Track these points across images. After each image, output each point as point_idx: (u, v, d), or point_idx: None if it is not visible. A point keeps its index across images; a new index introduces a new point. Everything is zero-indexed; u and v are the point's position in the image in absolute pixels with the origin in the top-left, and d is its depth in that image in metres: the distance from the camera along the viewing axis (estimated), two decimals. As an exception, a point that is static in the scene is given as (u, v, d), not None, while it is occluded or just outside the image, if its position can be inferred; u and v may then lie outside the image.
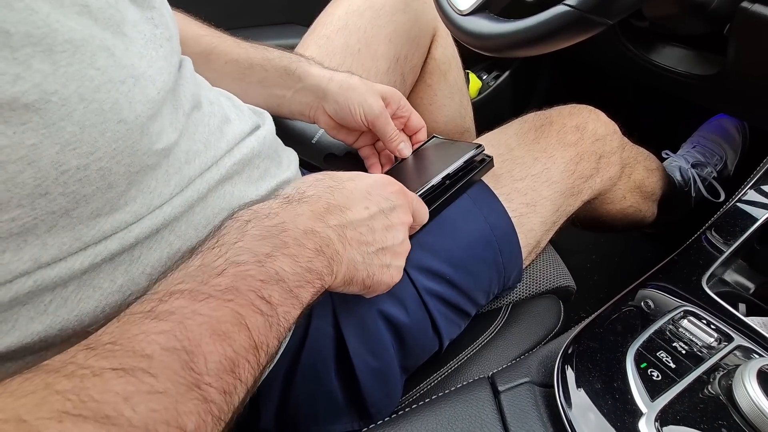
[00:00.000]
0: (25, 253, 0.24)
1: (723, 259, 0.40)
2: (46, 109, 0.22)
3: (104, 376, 0.19)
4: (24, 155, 0.22)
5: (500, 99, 1.02)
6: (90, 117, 0.24)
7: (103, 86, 0.24)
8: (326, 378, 0.43)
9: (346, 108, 0.49)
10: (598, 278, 0.92)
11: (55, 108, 0.22)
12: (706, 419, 0.27)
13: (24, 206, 0.23)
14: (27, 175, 0.22)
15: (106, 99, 0.24)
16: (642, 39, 0.68)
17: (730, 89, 0.63)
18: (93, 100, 0.24)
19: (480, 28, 0.48)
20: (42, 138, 0.22)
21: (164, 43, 0.30)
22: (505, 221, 0.50)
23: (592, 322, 0.36)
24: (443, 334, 0.47)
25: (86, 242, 0.26)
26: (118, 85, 0.25)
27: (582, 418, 0.28)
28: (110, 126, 0.25)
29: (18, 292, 0.24)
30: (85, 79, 0.23)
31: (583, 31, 0.40)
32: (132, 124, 0.26)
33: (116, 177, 0.26)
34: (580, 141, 0.55)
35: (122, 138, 0.25)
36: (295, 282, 0.27)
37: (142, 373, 0.20)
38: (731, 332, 0.33)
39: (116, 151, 0.25)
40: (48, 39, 0.22)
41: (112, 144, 0.25)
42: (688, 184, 0.81)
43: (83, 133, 0.24)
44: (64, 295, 0.26)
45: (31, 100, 0.22)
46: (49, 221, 0.24)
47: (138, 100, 0.26)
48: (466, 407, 0.29)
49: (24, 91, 0.21)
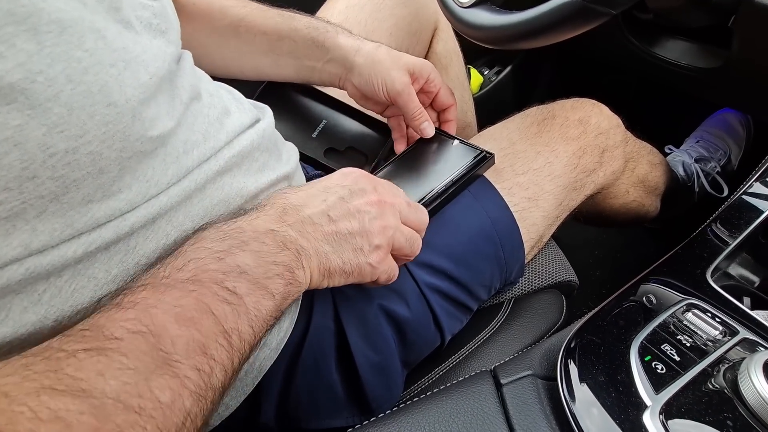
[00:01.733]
0: (14, 239, 0.23)
1: (728, 252, 0.40)
2: (31, 89, 0.22)
3: (78, 356, 0.21)
4: (9, 136, 0.22)
5: (502, 94, 1.01)
6: (78, 99, 0.23)
7: (91, 68, 0.24)
8: (327, 372, 0.43)
9: (369, 83, 0.50)
10: (600, 274, 0.92)
11: (41, 88, 0.22)
12: (711, 412, 0.27)
13: (11, 189, 0.22)
14: (13, 156, 0.22)
15: (95, 81, 0.24)
16: (645, 32, 0.68)
17: (734, 82, 0.62)
18: (81, 81, 0.23)
19: (481, 20, 0.47)
20: (28, 119, 0.22)
21: (161, 32, 0.29)
22: (507, 215, 0.49)
23: (595, 315, 0.35)
24: (445, 329, 0.47)
25: (79, 229, 0.26)
26: (108, 68, 0.24)
27: (585, 411, 0.28)
28: (99, 109, 0.24)
29: (10, 279, 0.24)
30: (72, 60, 0.23)
31: (586, 22, 0.39)
32: (122, 108, 0.25)
33: (107, 162, 0.25)
34: (583, 135, 0.55)
35: (112, 122, 0.25)
36: (262, 274, 0.28)
37: (113, 353, 0.21)
38: (736, 325, 0.33)
39: (106, 134, 0.25)
40: (33, 18, 0.22)
41: (101, 127, 0.24)
42: (691, 179, 0.81)
43: (71, 116, 0.23)
44: (59, 285, 0.26)
45: (16, 79, 0.21)
46: (39, 206, 0.24)
47: (128, 84, 0.25)
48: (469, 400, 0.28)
49: (7, 70, 0.21)
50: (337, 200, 0.35)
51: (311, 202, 0.34)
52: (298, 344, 0.42)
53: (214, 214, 0.33)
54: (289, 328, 0.42)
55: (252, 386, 0.41)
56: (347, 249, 0.34)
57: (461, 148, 0.50)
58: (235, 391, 0.40)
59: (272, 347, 0.41)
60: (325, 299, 0.43)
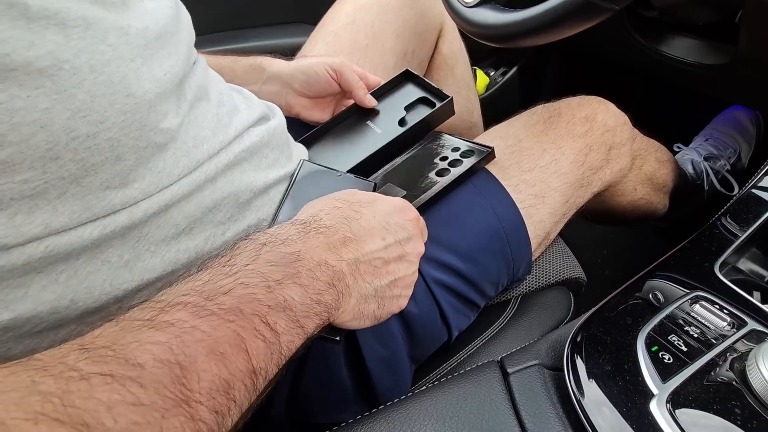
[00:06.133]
0: (37, 217, 0.25)
1: (737, 246, 0.40)
2: (58, 75, 0.24)
3: (91, 381, 0.19)
4: (37, 118, 0.23)
5: (508, 95, 1.02)
6: (100, 87, 0.25)
7: (113, 61, 0.26)
8: (336, 367, 0.43)
9: (312, 73, 0.52)
10: (609, 273, 0.91)
11: (67, 76, 0.24)
12: (718, 401, 0.27)
13: (36, 168, 0.24)
14: (39, 138, 0.24)
15: (116, 73, 0.26)
16: (651, 29, 0.68)
17: (742, 79, 0.62)
18: (103, 72, 0.25)
19: (486, 18, 0.48)
20: (54, 103, 0.24)
21: (174, 32, 0.31)
22: (513, 212, 0.50)
23: (602, 307, 0.35)
24: (452, 325, 0.47)
25: (96, 213, 0.27)
26: (128, 62, 0.26)
27: (592, 400, 0.28)
28: (119, 98, 0.26)
29: (31, 256, 0.25)
30: (96, 52, 0.25)
31: (590, 18, 0.40)
32: (140, 99, 0.27)
33: (125, 150, 0.27)
34: (589, 132, 0.55)
35: (131, 111, 0.27)
36: (303, 312, 0.27)
37: (131, 383, 0.19)
38: (744, 317, 0.33)
39: (125, 122, 0.26)
40: (62, 14, 0.24)
41: (120, 116, 0.26)
42: (700, 177, 0.80)
43: (93, 102, 0.25)
44: (75, 266, 0.27)
45: (44, 65, 0.23)
46: (60, 187, 0.25)
47: (146, 78, 0.27)
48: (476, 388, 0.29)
49: (38, 57, 0.23)
50: (394, 242, 0.33)
51: (370, 238, 0.32)
52: (308, 339, 0.42)
53: (224, 206, 0.34)
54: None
55: (262, 381, 0.41)
56: (387, 295, 0.33)
57: (462, 145, 0.51)
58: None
59: (282, 342, 0.41)
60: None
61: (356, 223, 0.32)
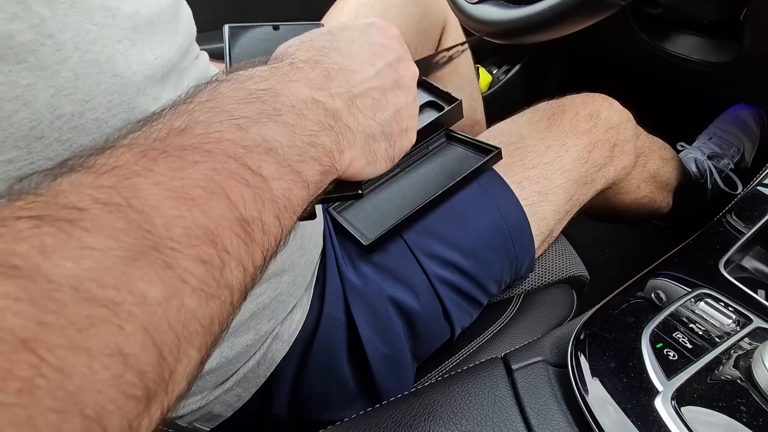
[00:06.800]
0: None
1: (742, 243, 0.39)
2: (40, 51, 0.23)
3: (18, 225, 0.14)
4: (19, 94, 0.23)
5: (511, 93, 1.01)
6: (85, 66, 0.24)
7: (99, 40, 0.25)
8: (338, 365, 0.43)
9: None
10: (611, 272, 0.91)
11: (50, 52, 0.23)
12: (724, 398, 0.27)
13: (20, 148, 0.23)
14: (22, 115, 0.23)
15: (102, 52, 0.25)
16: (655, 27, 0.67)
17: (747, 77, 0.62)
18: (88, 50, 0.24)
19: (490, 15, 0.48)
20: (37, 79, 0.23)
21: (169, 21, 0.30)
22: (517, 209, 0.50)
23: (605, 305, 0.35)
24: (455, 322, 0.47)
25: None
26: (115, 43, 0.25)
27: (596, 398, 0.28)
28: (105, 78, 0.25)
29: None
30: (81, 30, 0.24)
31: (595, 13, 0.39)
32: (128, 80, 0.26)
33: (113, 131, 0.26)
34: (593, 129, 0.55)
35: (118, 91, 0.26)
36: (295, 156, 0.22)
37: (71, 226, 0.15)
38: (750, 315, 0.32)
39: (111, 103, 0.26)
40: None
41: (107, 96, 0.25)
42: (704, 176, 0.80)
43: (78, 81, 0.24)
44: None
45: (27, 39, 0.22)
46: None
47: (134, 60, 0.26)
48: (480, 384, 0.28)
49: (20, 30, 0.22)
50: (386, 66, 0.29)
51: (358, 66, 0.27)
52: (310, 337, 0.42)
53: None
54: (301, 320, 0.42)
55: (264, 377, 0.41)
56: (395, 130, 0.29)
57: (471, 156, 0.51)
58: (247, 382, 0.40)
59: (284, 339, 0.41)
60: (335, 291, 0.44)
61: (335, 53, 0.27)
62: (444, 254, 0.46)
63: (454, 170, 0.49)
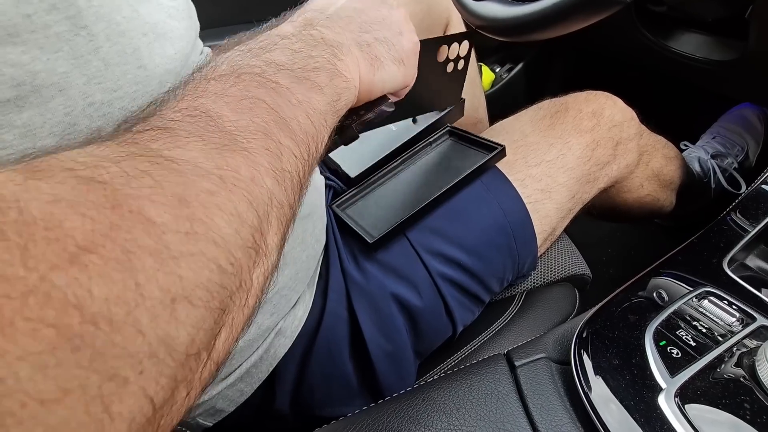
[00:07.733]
0: None
1: (746, 242, 0.39)
2: (75, 41, 0.24)
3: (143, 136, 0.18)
4: (56, 81, 0.24)
5: (514, 91, 1.01)
6: (114, 56, 0.26)
7: (127, 32, 0.26)
8: (340, 361, 0.43)
9: None
10: (614, 271, 0.91)
11: (84, 42, 0.24)
12: (728, 396, 0.27)
13: (55, 135, 0.24)
14: (58, 101, 0.24)
15: (129, 44, 0.26)
16: (659, 25, 0.67)
17: (751, 75, 0.61)
18: (117, 42, 0.26)
19: (494, 12, 0.48)
20: (72, 68, 0.24)
21: (185, 18, 0.31)
22: (519, 207, 0.49)
23: (608, 303, 0.35)
24: (456, 319, 0.47)
25: None
26: (141, 36, 0.27)
27: (600, 396, 0.28)
28: (131, 69, 0.27)
29: None
30: (112, 22, 0.26)
31: (599, 11, 0.39)
32: (151, 72, 0.28)
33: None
34: (596, 127, 0.55)
35: (142, 82, 0.27)
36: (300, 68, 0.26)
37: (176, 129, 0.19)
38: (754, 313, 0.32)
39: (136, 93, 0.27)
40: None
41: (132, 86, 0.27)
42: (707, 175, 0.80)
43: (107, 70, 0.26)
44: None
45: (62, 30, 0.24)
46: None
47: (157, 53, 0.28)
48: (483, 380, 0.28)
49: (57, 21, 0.23)
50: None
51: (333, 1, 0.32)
52: (313, 332, 0.42)
53: None
54: (304, 315, 0.42)
55: (267, 373, 0.41)
56: (389, 34, 0.32)
57: (474, 153, 0.51)
58: (249, 377, 0.41)
59: (287, 335, 0.41)
60: (338, 287, 0.44)
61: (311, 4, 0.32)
62: (446, 251, 0.46)
63: (457, 167, 0.49)
